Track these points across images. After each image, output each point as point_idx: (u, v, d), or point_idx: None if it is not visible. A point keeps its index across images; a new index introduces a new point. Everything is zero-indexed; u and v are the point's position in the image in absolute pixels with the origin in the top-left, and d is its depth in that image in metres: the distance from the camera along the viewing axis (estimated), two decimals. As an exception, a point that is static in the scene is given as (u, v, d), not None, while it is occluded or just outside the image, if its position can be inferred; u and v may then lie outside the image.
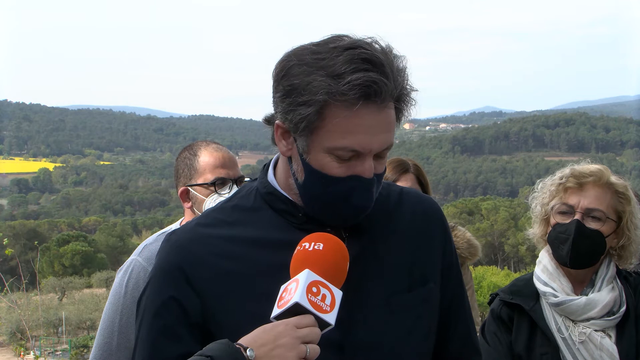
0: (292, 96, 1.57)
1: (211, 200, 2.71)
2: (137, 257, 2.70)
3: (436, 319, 1.80)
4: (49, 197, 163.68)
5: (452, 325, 1.86)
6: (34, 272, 8.84)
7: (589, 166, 2.57)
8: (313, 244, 1.55)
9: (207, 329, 1.63)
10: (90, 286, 58.57)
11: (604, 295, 2.50)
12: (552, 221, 2.56)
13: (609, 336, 2.49)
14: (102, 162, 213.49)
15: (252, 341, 1.48)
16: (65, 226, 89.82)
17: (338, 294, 1.53)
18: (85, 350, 34.52)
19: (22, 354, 14.40)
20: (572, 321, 2.52)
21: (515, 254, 68.27)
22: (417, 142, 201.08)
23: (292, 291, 1.50)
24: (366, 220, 1.70)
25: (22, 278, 8.51)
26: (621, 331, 2.49)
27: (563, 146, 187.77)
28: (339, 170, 1.60)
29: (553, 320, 2.54)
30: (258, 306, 1.59)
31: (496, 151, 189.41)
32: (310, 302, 1.48)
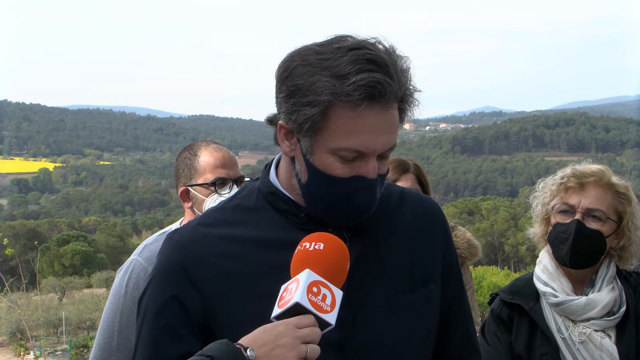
0: (296, 96, 1.56)
1: (211, 200, 2.71)
2: (137, 257, 2.70)
3: (437, 319, 1.80)
4: (49, 197, 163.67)
5: (452, 325, 1.86)
6: (34, 272, 8.83)
7: (590, 166, 2.57)
8: (314, 243, 1.55)
9: (208, 329, 1.63)
10: (90, 286, 58.55)
11: (604, 295, 2.50)
12: (553, 221, 2.56)
13: (609, 336, 2.49)
14: (102, 162, 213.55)
15: (252, 341, 1.48)
16: (65, 226, 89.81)
17: (338, 294, 1.53)
18: (85, 350, 34.50)
19: (22, 354, 14.41)
20: (572, 321, 2.51)
21: (515, 254, 68.26)
22: (417, 142, 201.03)
23: (292, 291, 1.50)
24: (368, 221, 1.70)
25: (22, 278, 8.51)
26: (621, 331, 2.49)
27: (563, 146, 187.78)
28: (342, 170, 1.59)
29: (553, 320, 2.54)
30: (259, 306, 1.58)
31: (496, 151, 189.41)
32: (311, 302, 1.48)
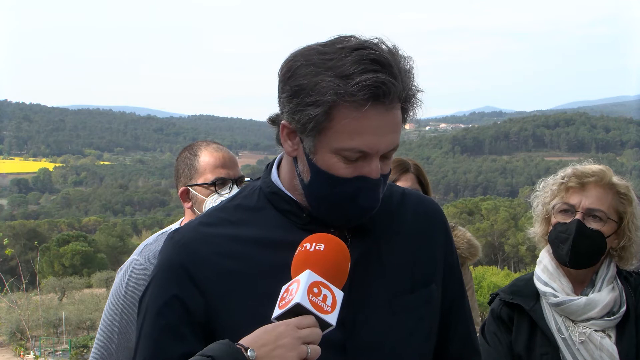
0: (299, 96, 1.56)
1: (211, 200, 2.71)
2: (137, 257, 2.70)
3: (437, 320, 1.80)
4: (49, 197, 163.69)
5: (453, 326, 1.86)
6: (34, 272, 8.84)
7: (591, 166, 2.57)
8: (314, 244, 1.55)
9: (209, 328, 1.63)
10: (90, 286, 58.55)
11: (604, 295, 2.50)
12: (553, 220, 2.56)
13: (609, 336, 2.49)
14: (102, 162, 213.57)
15: (252, 341, 1.48)
16: (65, 226, 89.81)
17: (339, 294, 1.53)
18: (85, 350, 34.51)
19: (22, 354, 14.41)
20: (572, 321, 2.51)
21: (515, 254, 68.26)
22: (417, 142, 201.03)
23: (293, 292, 1.49)
24: (369, 221, 1.70)
25: (22, 278, 8.50)
26: (621, 331, 2.49)
27: (563, 146, 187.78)
28: (346, 170, 1.59)
29: (553, 320, 2.53)
30: (260, 306, 1.58)
31: (496, 151, 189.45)
32: (312, 302, 1.48)
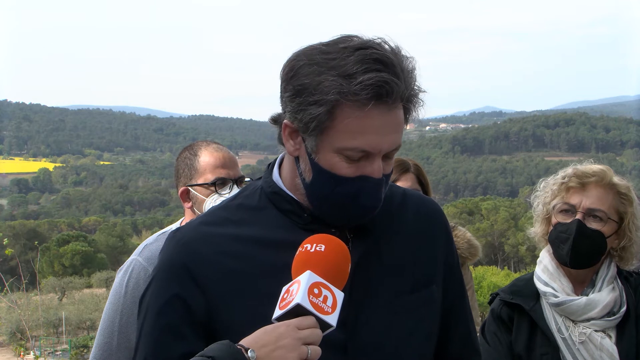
0: (302, 96, 1.56)
1: (211, 201, 2.71)
2: (137, 257, 2.70)
3: (438, 320, 1.80)
4: (49, 197, 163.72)
5: (453, 326, 1.86)
6: (34, 272, 8.84)
7: (591, 166, 2.56)
8: (315, 245, 1.55)
9: (210, 328, 1.63)
10: (90, 286, 58.55)
11: (604, 295, 2.50)
12: (554, 220, 2.56)
13: (609, 336, 2.49)
14: (102, 162, 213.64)
15: (253, 342, 1.48)
16: (65, 226, 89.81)
17: (340, 295, 1.53)
18: (85, 350, 34.51)
19: (22, 354, 14.43)
20: (572, 321, 2.51)
21: (515, 254, 68.26)
22: (417, 142, 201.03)
23: (293, 292, 1.49)
24: (370, 221, 1.69)
25: (22, 278, 8.51)
26: (621, 331, 2.49)
27: (563, 146, 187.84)
28: (348, 170, 1.59)
29: (553, 320, 2.53)
30: (261, 306, 1.58)
31: (496, 151, 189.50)
32: (312, 303, 1.48)
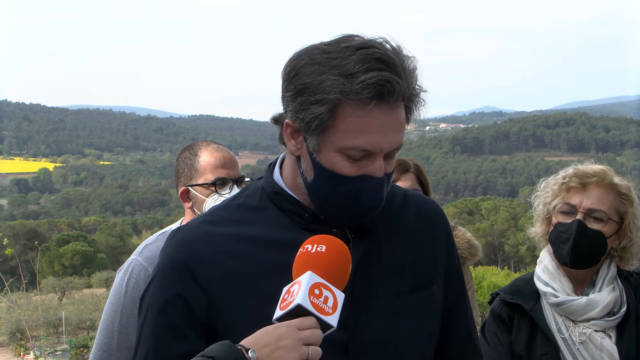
0: (304, 95, 1.56)
1: (211, 201, 2.71)
2: (137, 257, 2.70)
3: (438, 320, 1.80)
4: (49, 197, 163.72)
5: (454, 326, 1.86)
6: (34, 272, 8.84)
7: (592, 166, 2.56)
8: (315, 246, 1.55)
9: (211, 328, 1.63)
10: (90, 286, 58.53)
11: (604, 295, 2.50)
12: (554, 220, 2.55)
13: (609, 337, 2.49)
14: (102, 162, 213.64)
15: (253, 342, 1.48)
16: (65, 226, 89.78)
17: (340, 296, 1.53)
18: (85, 350, 34.50)
19: (22, 354, 14.42)
20: (573, 321, 2.51)
21: (515, 254, 68.25)
22: (417, 142, 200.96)
23: (294, 293, 1.49)
24: (371, 222, 1.69)
25: (22, 278, 8.52)
26: (621, 332, 2.49)
27: (563, 146, 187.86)
28: (349, 169, 1.59)
29: (553, 320, 2.53)
30: (262, 306, 1.58)
31: (496, 151, 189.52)
32: (313, 304, 1.48)
